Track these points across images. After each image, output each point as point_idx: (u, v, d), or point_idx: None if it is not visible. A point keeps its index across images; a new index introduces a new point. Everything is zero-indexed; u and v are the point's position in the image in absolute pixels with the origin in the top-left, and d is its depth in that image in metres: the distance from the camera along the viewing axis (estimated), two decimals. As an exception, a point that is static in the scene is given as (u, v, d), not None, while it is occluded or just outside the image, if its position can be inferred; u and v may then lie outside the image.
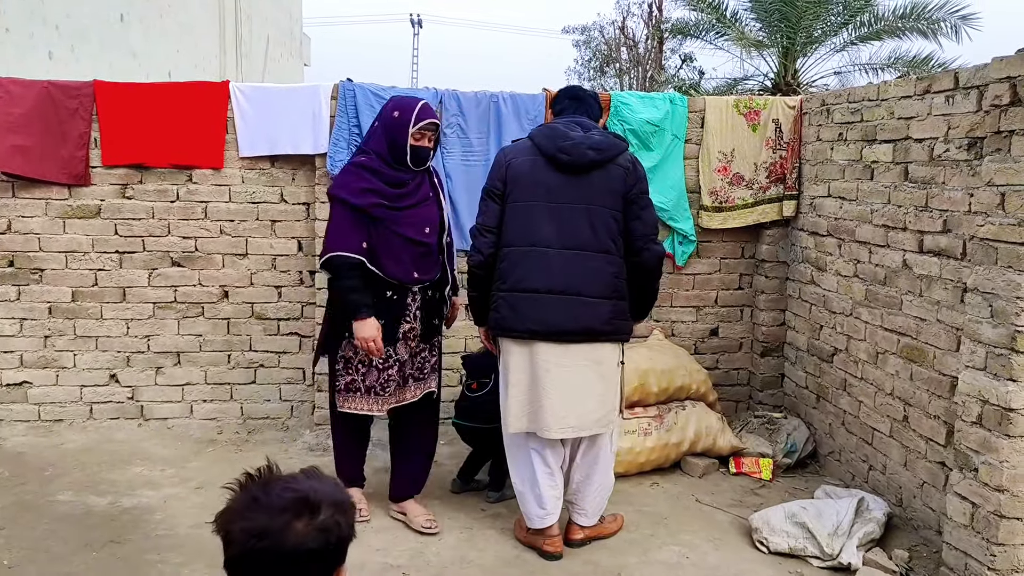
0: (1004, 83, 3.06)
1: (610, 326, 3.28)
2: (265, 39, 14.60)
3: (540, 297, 3.23)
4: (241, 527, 1.31)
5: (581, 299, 3.22)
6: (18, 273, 4.71)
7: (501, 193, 3.36)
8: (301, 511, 1.29)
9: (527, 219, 3.29)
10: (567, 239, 3.23)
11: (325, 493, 1.32)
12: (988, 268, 3.08)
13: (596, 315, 3.23)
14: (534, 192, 3.29)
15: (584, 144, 3.25)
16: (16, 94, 4.52)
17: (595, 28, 23.62)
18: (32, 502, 3.84)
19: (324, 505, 1.30)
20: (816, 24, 13.69)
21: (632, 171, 3.31)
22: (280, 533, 1.27)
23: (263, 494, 1.32)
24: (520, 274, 3.27)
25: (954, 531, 3.22)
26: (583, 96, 3.51)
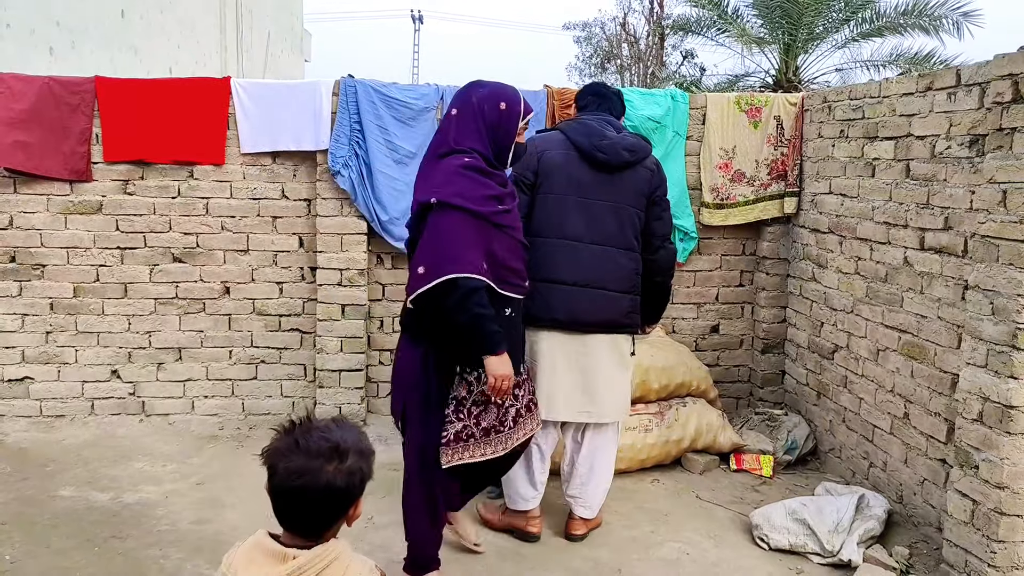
0: (1006, 80, 3.06)
1: (628, 319, 3.43)
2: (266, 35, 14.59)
3: (568, 289, 3.32)
4: (284, 466, 1.60)
5: (606, 292, 3.34)
6: (20, 269, 4.71)
7: (532, 183, 3.38)
8: (332, 457, 1.60)
9: (560, 212, 3.35)
10: (596, 234, 3.35)
11: (352, 442, 1.63)
12: (989, 265, 3.08)
13: (618, 308, 3.37)
14: (567, 186, 3.36)
15: (619, 144, 3.36)
16: (17, 90, 4.52)
17: (596, 24, 23.63)
18: (34, 498, 3.85)
19: (351, 452, 1.61)
20: (817, 21, 13.67)
21: (657, 174, 3.45)
22: (315, 474, 1.58)
23: (303, 439, 1.61)
24: (550, 266, 3.33)
25: (954, 528, 3.23)
26: (607, 94, 3.56)
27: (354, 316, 4.81)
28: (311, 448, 1.60)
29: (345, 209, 4.74)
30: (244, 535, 2.67)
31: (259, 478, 4.08)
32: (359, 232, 4.76)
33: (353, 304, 4.80)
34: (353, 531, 3.59)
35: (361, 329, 4.83)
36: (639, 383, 4.32)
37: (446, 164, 2.91)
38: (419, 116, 4.71)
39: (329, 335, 4.79)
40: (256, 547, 1.63)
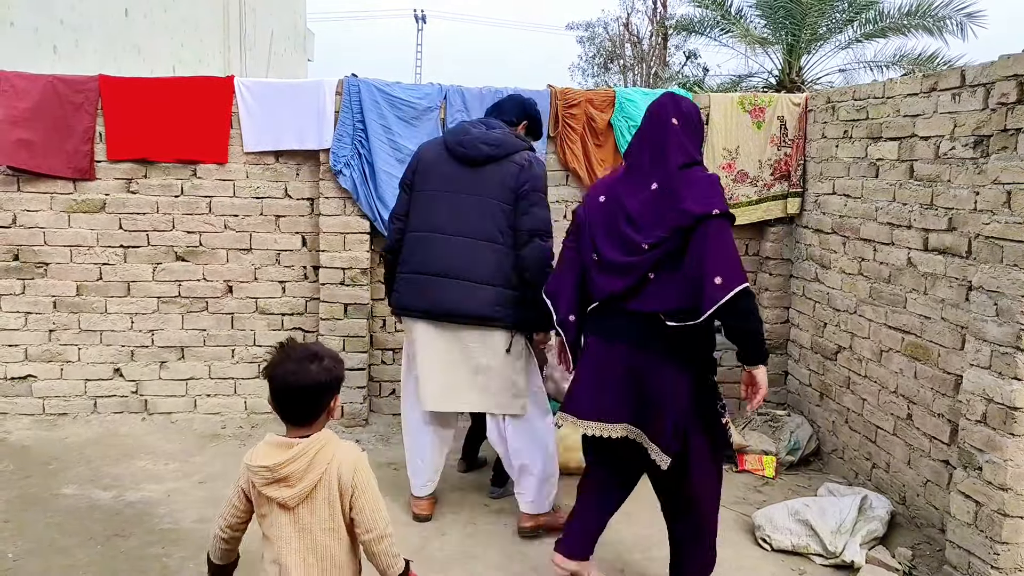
0: (1011, 81, 3.05)
1: (495, 312, 3.44)
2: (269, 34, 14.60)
3: (433, 279, 3.47)
4: (280, 370, 2.13)
5: (467, 283, 3.43)
6: (23, 267, 4.72)
7: (410, 183, 3.61)
8: (313, 359, 2.14)
9: (428, 206, 3.53)
10: (459, 226, 3.46)
11: (327, 351, 2.21)
12: (993, 266, 3.08)
13: (481, 299, 3.43)
14: (437, 182, 3.53)
15: (479, 139, 3.49)
16: (21, 88, 4.53)
17: (599, 24, 23.64)
18: (36, 495, 3.85)
19: (327, 357, 2.17)
20: (821, 21, 13.65)
21: (526, 169, 3.45)
22: (303, 372, 2.12)
23: (291, 351, 2.17)
24: (418, 258, 3.51)
25: (958, 529, 3.22)
26: (502, 103, 3.74)
27: (356, 315, 4.81)
28: (298, 355, 2.15)
29: (348, 208, 4.74)
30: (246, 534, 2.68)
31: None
32: (362, 231, 4.77)
33: (356, 303, 4.80)
34: (355, 530, 3.60)
35: (364, 328, 4.83)
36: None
37: (701, 176, 2.87)
38: (422, 116, 4.71)
39: (332, 334, 4.79)
40: (269, 443, 2.14)
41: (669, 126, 2.91)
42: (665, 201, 2.83)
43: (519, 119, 3.68)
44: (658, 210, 2.83)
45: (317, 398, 2.14)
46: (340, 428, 4.72)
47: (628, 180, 2.95)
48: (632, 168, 2.97)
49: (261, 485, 2.10)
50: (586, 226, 3.01)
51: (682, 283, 2.79)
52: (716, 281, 2.71)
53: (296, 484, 2.07)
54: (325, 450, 2.11)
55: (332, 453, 2.12)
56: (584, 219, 3.03)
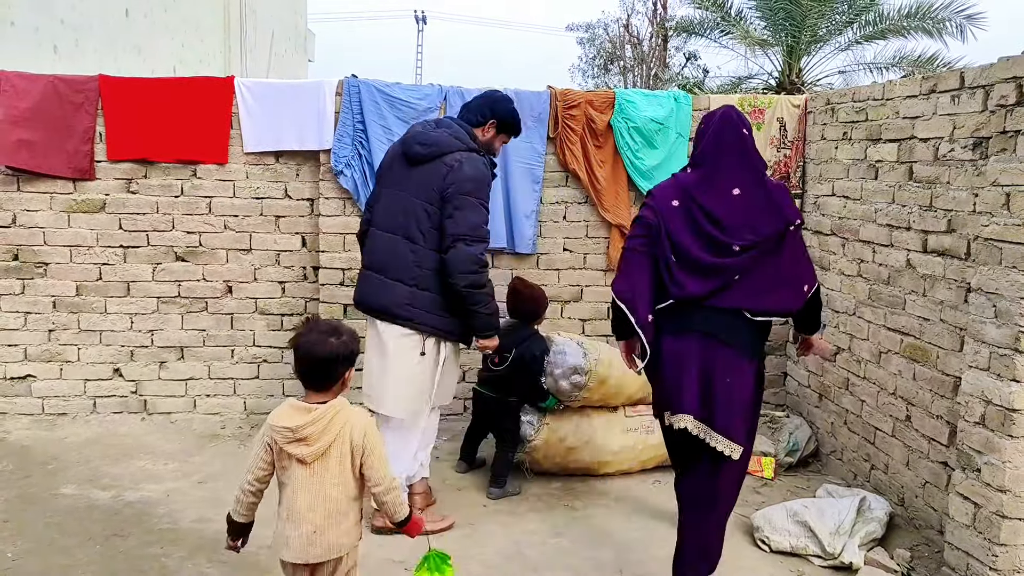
0: (1010, 83, 3.06)
1: (406, 311, 3.47)
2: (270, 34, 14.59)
3: (366, 273, 3.60)
4: (304, 341, 2.44)
5: (383, 279, 3.50)
6: (23, 267, 4.72)
7: (379, 178, 3.75)
8: (332, 334, 2.46)
9: (377, 202, 3.65)
10: (388, 223, 3.53)
11: (346, 328, 2.51)
12: (992, 268, 3.08)
13: (393, 295, 3.46)
14: (386, 179, 3.65)
15: (417, 139, 3.54)
16: (21, 88, 4.53)
17: (599, 26, 23.64)
18: (36, 495, 3.85)
19: (345, 333, 2.49)
20: (821, 23, 13.66)
21: (454, 171, 3.42)
22: (323, 343, 2.43)
23: (315, 325, 2.51)
24: (364, 252, 3.68)
25: (956, 531, 3.22)
26: (470, 102, 3.73)
27: (356, 316, 4.81)
28: (320, 329, 2.47)
29: (348, 209, 4.74)
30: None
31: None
32: (362, 232, 4.77)
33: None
34: (354, 530, 3.60)
35: (362, 329, 4.82)
36: (641, 384, 4.32)
37: (778, 183, 3.17)
38: (422, 116, 4.71)
39: (331, 335, 4.79)
40: (290, 407, 2.44)
41: (742, 135, 3.07)
42: (755, 206, 3.00)
43: (486, 118, 3.63)
44: (751, 214, 2.99)
45: (333, 368, 2.45)
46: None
47: (704, 185, 3.05)
48: (708, 174, 3.07)
49: (283, 443, 2.41)
50: (662, 229, 3.06)
51: (772, 281, 3.01)
52: (804, 288, 3.07)
53: (313, 443, 2.40)
54: (340, 415, 2.44)
55: (346, 418, 2.44)
56: (658, 222, 3.07)
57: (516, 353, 4.08)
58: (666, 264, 3.06)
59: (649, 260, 3.10)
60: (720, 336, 3.01)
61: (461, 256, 3.37)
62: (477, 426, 4.30)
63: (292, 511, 2.46)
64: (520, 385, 4.10)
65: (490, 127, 3.64)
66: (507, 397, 4.11)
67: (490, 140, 3.66)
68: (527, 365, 4.09)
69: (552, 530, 3.70)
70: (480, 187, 3.45)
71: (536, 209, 4.87)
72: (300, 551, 2.46)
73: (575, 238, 4.97)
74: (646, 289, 3.10)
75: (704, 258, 3.01)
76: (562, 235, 4.96)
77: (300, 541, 2.45)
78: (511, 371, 4.07)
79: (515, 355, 4.08)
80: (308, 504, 2.44)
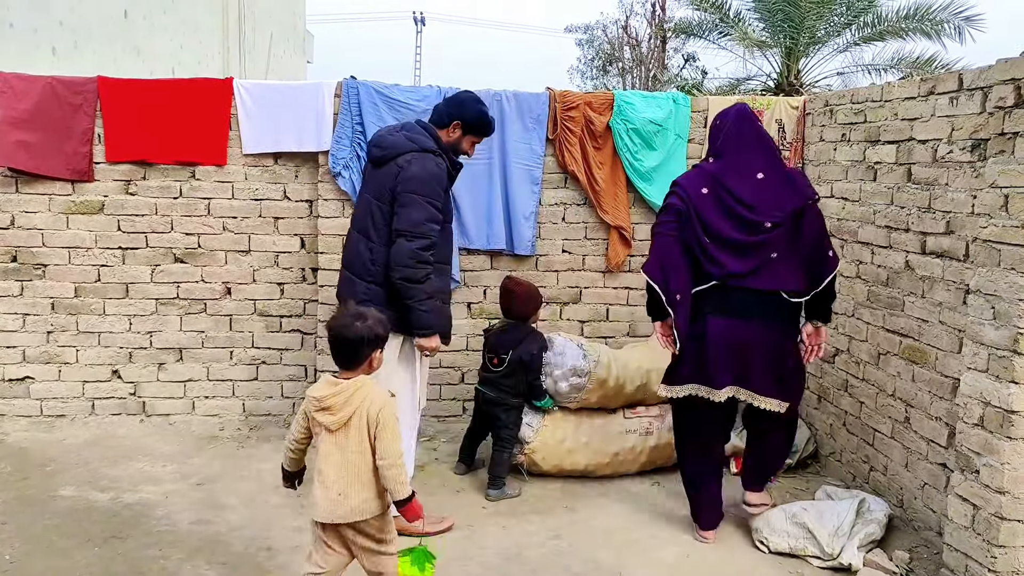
0: (1008, 85, 3.06)
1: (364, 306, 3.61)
2: (268, 36, 14.60)
3: (340, 270, 3.79)
4: (335, 322, 2.77)
5: (348, 274, 3.70)
6: (21, 268, 4.72)
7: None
8: (359, 318, 2.75)
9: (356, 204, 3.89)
10: (355, 222, 3.74)
11: (373, 314, 2.79)
12: (991, 270, 3.08)
13: (353, 291, 3.62)
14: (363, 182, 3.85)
15: (375, 143, 3.73)
16: (20, 90, 4.53)
17: (598, 27, 23.62)
18: (34, 497, 3.85)
19: (371, 318, 2.76)
20: (819, 25, 13.68)
21: (405, 170, 3.55)
22: (351, 326, 2.72)
23: (346, 309, 2.84)
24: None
25: (955, 533, 3.22)
26: (438, 104, 3.83)
27: (355, 317, 4.81)
28: (350, 314, 2.77)
29: (347, 210, 4.74)
30: (244, 536, 2.68)
31: (259, 479, 4.09)
32: (360, 233, 4.76)
33: (354, 305, 4.80)
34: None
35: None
36: (641, 385, 4.32)
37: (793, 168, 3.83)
38: (421, 117, 4.70)
39: (330, 336, 4.79)
40: (323, 380, 2.77)
41: (759, 126, 3.59)
42: (778, 187, 3.43)
43: (451, 119, 3.71)
44: (775, 194, 3.41)
45: (359, 348, 2.73)
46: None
47: (730, 171, 3.47)
48: (732, 161, 3.49)
49: (312, 411, 2.72)
50: (692, 214, 3.44)
51: (798, 263, 3.43)
52: (830, 254, 3.45)
53: (336, 413, 2.68)
54: (361, 391, 2.70)
55: (366, 394, 2.71)
56: (687, 208, 3.44)
57: (513, 355, 4.09)
58: (700, 247, 3.43)
59: (680, 244, 3.45)
60: (759, 316, 3.45)
61: (399, 250, 3.49)
62: (477, 427, 4.30)
63: (321, 475, 2.71)
64: (519, 385, 4.11)
65: (455, 128, 3.71)
66: (508, 398, 4.11)
67: (456, 141, 3.74)
68: (525, 365, 4.09)
69: (551, 532, 3.70)
70: (425, 186, 3.53)
71: (535, 211, 4.87)
72: (327, 512, 2.70)
73: (574, 239, 4.97)
74: (676, 270, 3.45)
75: (739, 237, 3.40)
76: (561, 236, 4.96)
77: (327, 503, 2.70)
78: (509, 371, 4.08)
79: (512, 356, 4.09)
80: (334, 469, 2.70)
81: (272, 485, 4.03)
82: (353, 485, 2.69)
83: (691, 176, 3.58)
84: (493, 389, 4.12)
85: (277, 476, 2.92)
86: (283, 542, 3.49)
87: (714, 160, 3.55)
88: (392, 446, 2.67)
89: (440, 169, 3.60)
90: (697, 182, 3.51)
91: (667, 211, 3.51)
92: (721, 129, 3.57)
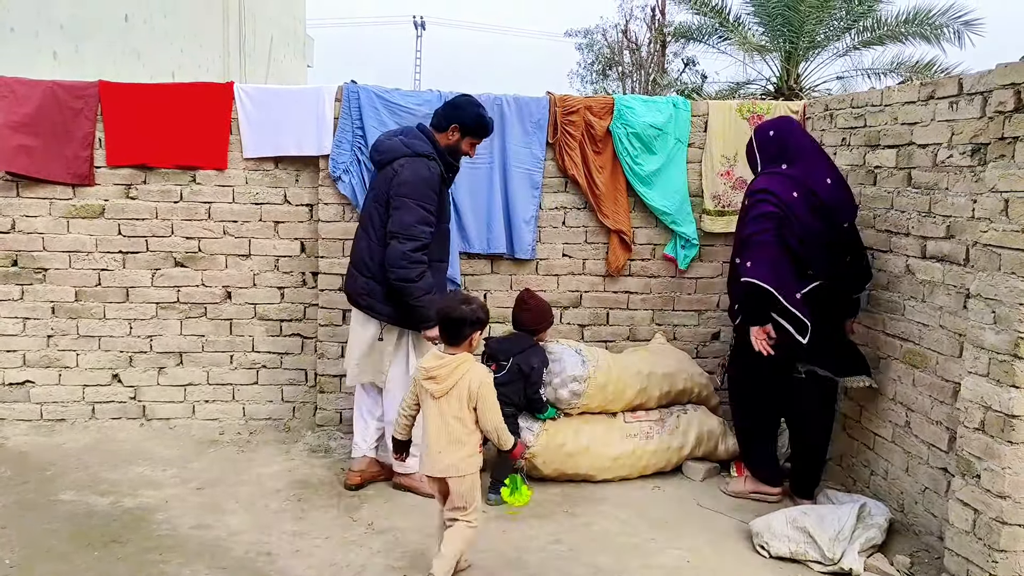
0: (1008, 89, 3.06)
1: (365, 301, 3.94)
2: (269, 40, 14.62)
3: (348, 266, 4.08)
4: (443, 306, 3.23)
5: (353, 270, 3.98)
6: (22, 272, 4.72)
7: None
8: (465, 302, 3.21)
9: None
10: (360, 220, 4.07)
11: (477, 300, 3.26)
12: (991, 274, 3.08)
13: (355, 286, 3.96)
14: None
15: (375, 147, 4.00)
16: (21, 94, 4.54)
17: (598, 31, 23.66)
18: (34, 501, 3.84)
19: (474, 303, 3.23)
20: (819, 29, 13.71)
21: (397, 174, 3.81)
22: (455, 308, 3.18)
23: (455, 296, 3.41)
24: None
25: (956, 537, 3.22)
26: (437, 109, 4.06)
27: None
28: (458, 299, 3.26)
29: (347, 214, 4.74)
30: (244, 541, 2.68)
31: (259, 484, 4.09)
32: (361, 237, 4.77)
33: (354, 309, 4.80)
34: (354, 537, 3.59)
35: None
36: (640, 389, 4.32)
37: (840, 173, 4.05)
38: (421, 122, 4.71)
39: (330, 340, 4.79)
40: (433, 353, 3.23)
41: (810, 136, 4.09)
42: (842, 189, 3.85)
43: (448, 123, 3.92)
44: (842, 197, 3.82)
45: (462, 328, 3.18)
46: (339, 434, 4.72)
47: (808, 177, 3.76)
48: (806, 168, 3.79)
49: (420, 379, 3.17)
50: (788, 217, 3.68)
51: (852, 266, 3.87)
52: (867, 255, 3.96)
53: (440, 383, 3.13)
54: (463, 366, 3.15)
55: (467, 369, 3.15)
56: (783, 212, 3.68)
57: (514, 362, 4.08)
58: (797, 247, 3.67)
59: (782, 248, 3.66)
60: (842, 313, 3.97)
61: (392, 252, 3.75)
62: None
63: (426, 435, 3.18)
64: (516, 394, 4.09)
65: (453, 131, 3.92)
66: (503, 406, 4.08)
67: (455, 143, 3.95)
68: (525, 376, 4.08)
69: (552, 536, 3.70)
70: (416, 189, 3.75)
71: (535, 215, 4.87)
72: (429, 466, 3.18)
73: (574, 244, 4.97)
74: (787, 273, 3.67)
75: (832, 237, 3.75)
76: (561, 241, 4.96)
77: (429, 459, 3.18)
78: (508, 379, 4.07)
79: (512, 364, 4.08)
80: (435, 430, 3.15)
81: (272, 489, 4.03)
82: (451, 446, 3.14)
83: (776, 182, 3.75)
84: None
85: (277, 480, 2.93)
86: (283, 547, 3.48)
87: (787, 167, 3.79)
88: (492, 415, 3.16)
89: (432, 173, 3.81)
90: (786, 187, 3.71)
91: (765, 218, 3.67)
92: (786, 139, 3.85)
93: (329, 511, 3.83)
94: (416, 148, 3.84)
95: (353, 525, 3.70)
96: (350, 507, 3.88)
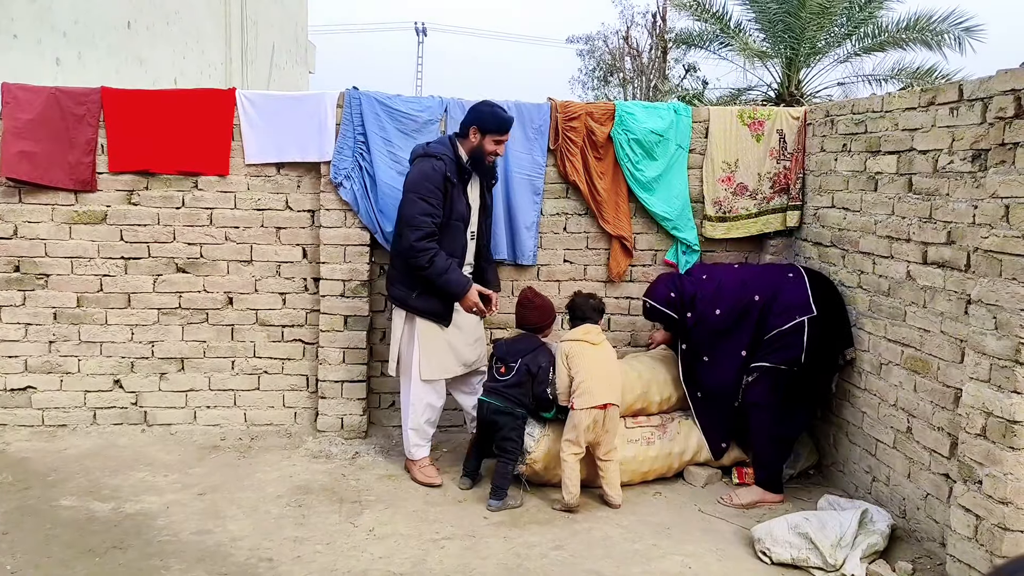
0: (1009, 95, 3.07)
1: (389, 290, 4.31)
2: (271, 46, 14.65)
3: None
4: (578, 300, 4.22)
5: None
6: (24, 278, 4.72)
7: None
8: (592, 296, 4.27)
9: None
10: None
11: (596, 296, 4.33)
12: (992, 280, 3.08)
13: (389, 276, 4.34)
14: None
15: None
16: (24, 100, 4.55)
17: (599, 38, 23.73)
18: (35, 507, 3.84)
19: (596, 297, 4.27)
20: (820, 35, 13.72)
21: (408, 173, 4.16)
22: (594, 298, 4.29)
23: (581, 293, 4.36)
24: None
25: (958, 543, 3.22)
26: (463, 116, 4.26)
27: (356, 327, 4.82)
28: (585, 293, 4.17)
29: (349, 220, 4.75)
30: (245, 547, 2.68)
31: (260, 490, 4.09)
32: (362, 243, 4.78)
33: (356, 315, 4.80)
34: (354, 543, 3.59)
35: (363, 340, 4.83)
36: (641, 395, 4.32)
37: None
38: (423, 128, 4.72)
39: (331, 346, 4.79)
40: (585, 326, 4.14)
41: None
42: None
43: (467, 127, 4.14)
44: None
45: (599, 313, 4.20)
46: (340, 440, 4.72)
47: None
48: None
49: (581, 337, 4.11)
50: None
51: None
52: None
53: (595, 342, 4.12)
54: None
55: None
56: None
57: (521, 363, 4.09)
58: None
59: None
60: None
61: (401, 243, 4.09)
62: (481, 440, 4.25)
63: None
64: (526, 395, 4.10)
65: (474, 133, 4.11)
66: (513, 407, 4.10)
67: (479, 144, 4.12)
68: (533, 376, 4.09)
69: (553, 542, 3.69)
70: (417, 184, 4.01)
71: (537, 221, 4.88)
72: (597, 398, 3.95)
73: (575, 249, 4.98)
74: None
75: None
76: (562, 246, 4.97)
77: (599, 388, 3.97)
78: (516, 380, 4.08)
79: (520, 365, 4.09)
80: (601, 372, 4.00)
81: (274, 495, 4.02)
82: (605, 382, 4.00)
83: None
84: (498, 398, 4.11)
85: (278, 486, 2.89)
86: (284, 553, 3.48)
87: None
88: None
89: (435, 170, 4.02)
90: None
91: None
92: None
93: (330, 517, 3.83)
94: (430, 149, 4.10)
95: (354, 531, 3.70)
96: (351, 513, 3.88)
